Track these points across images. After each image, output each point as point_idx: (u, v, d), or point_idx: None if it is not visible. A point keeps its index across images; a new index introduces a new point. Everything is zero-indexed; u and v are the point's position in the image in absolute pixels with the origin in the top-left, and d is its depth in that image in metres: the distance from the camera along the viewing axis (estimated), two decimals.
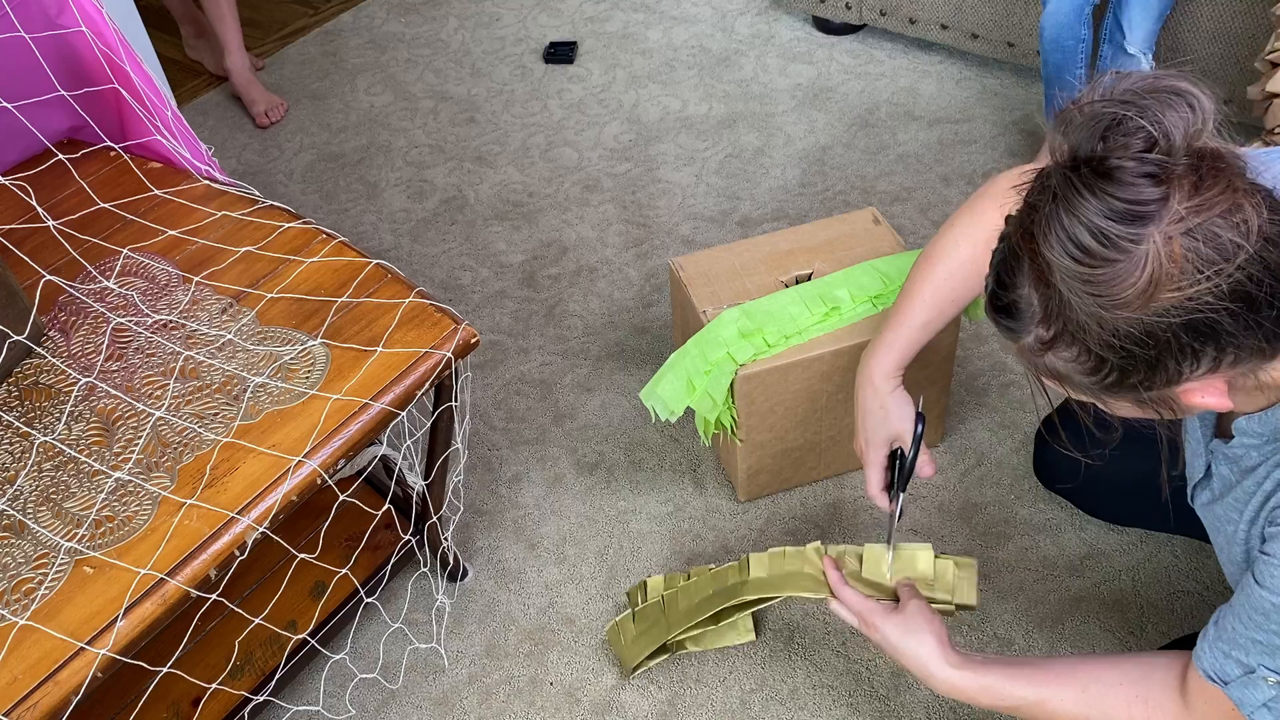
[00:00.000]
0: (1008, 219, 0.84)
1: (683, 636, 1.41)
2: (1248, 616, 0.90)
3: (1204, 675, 0.95)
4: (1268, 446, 0.90)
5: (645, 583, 1.49)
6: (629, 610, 1.47)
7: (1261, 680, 0.90)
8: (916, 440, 1.28)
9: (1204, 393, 0.81)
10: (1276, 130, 1.62)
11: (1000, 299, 0.84)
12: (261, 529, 1.08)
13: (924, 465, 1.30)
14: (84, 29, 1.35)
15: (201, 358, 1.22)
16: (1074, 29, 1.95)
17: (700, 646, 1.46)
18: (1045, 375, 0.86)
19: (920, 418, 1.29)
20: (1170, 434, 1.06)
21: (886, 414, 1.29)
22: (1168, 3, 1.88)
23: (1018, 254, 0.81)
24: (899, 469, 1.30)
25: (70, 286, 1.32)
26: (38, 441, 1.16)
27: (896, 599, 1.23)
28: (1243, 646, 0.91)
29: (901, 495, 1.31)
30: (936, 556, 1.28)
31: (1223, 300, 0.74)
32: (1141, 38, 1.90)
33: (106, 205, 1.41)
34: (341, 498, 1.24)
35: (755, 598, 1.32)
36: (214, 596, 1.07)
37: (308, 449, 1.12)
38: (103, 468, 1.12)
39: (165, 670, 1.11)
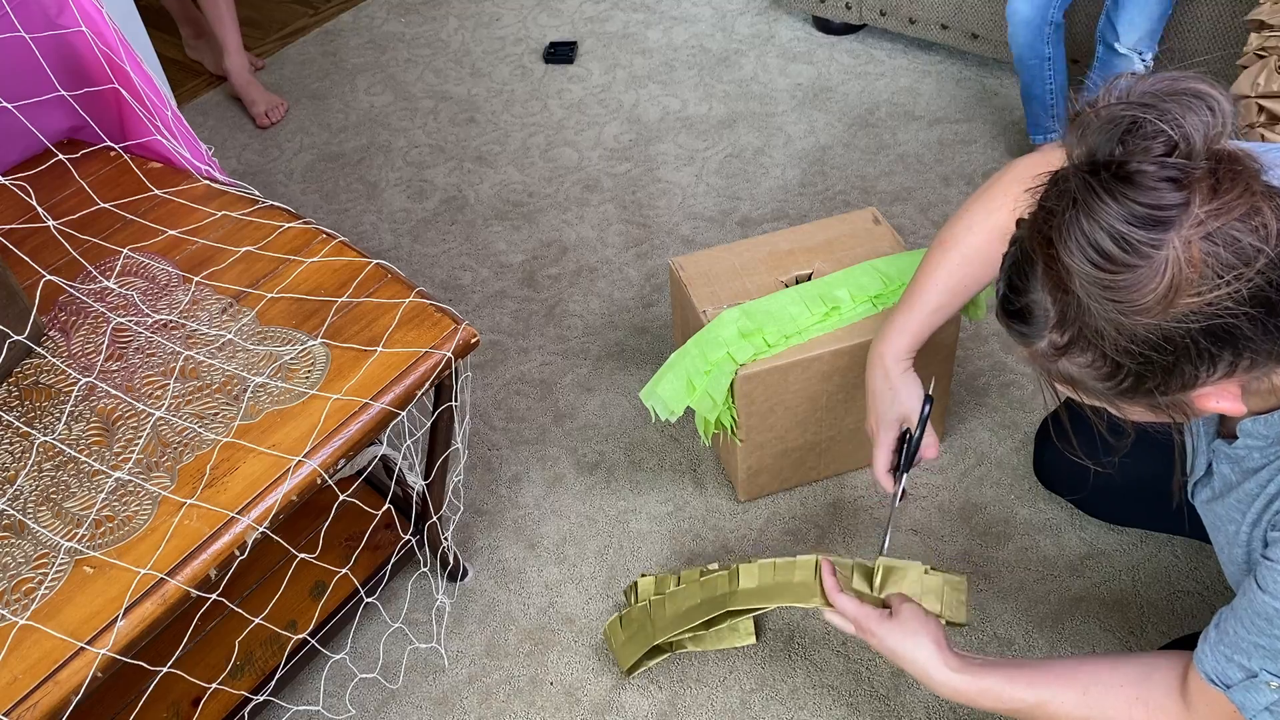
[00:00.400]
0: (1019, 222, 0.83)
1: (679, 637, 1.40)
2: (1250, 621, 0.90)
3: (1205, 678, 0.95)
4: (1272, 449, 0.90)
5: (637, 582, 1.49)
6: (618, 613, 1.47)
7: (1264, 684, 0.90)
8: (923, 421, 1.29)
9: (1218, 397, 0.80)
10: (1243, 131, 1.62)
11: (1012, 303, 0.83)
12: (261, 529, 1.08)
13: (928, 447, 1.30)
14: (84, 29, 1.35)
15: (201, 358, 1.22)
16: (1036, 47, 1.96)
17: (700, 647, 1.46)
18: (1058, 380, 0.85)
19: (928, 399, 1.29)
20: (1181, 438, 1.06)
21: (896, 395, 1.30)
22: (1167, 3, 1.88)
23: (1031, 258, 0.80)
24: (905, 449, 1.31)
25: (70, 286, 1.32)
26: (38, 441, 1.15)
27: (887, 606, 1.23)
28: (1245, 650, 0.91)
29: (905, 476, 1.31)
30: (926, 571, 1.28)
31: (1242, 305, 0.73)
32: (1137, 38, 1.89)
33: (106, 205, 1.41)
34: (341, 498, 1.24)
35: (743, 608, 1.32)
36: (214, 596, 1.07)
37: (308, 449, 1.12)
38: (103, 468, 1.12)
39: (165, 670, 1.11)
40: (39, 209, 1.39)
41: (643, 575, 1.50)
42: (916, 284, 1.29)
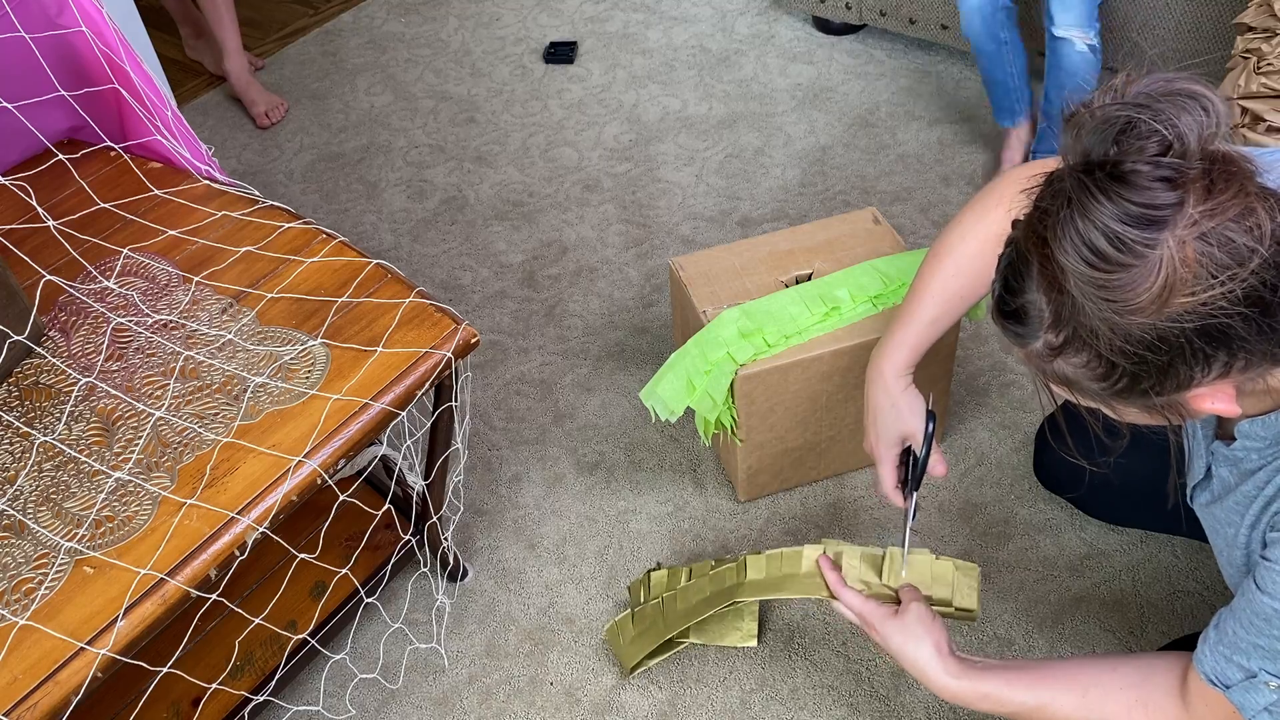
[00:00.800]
0: (1015, 223, 0.83)
1: (684, 626, 1.40)
2: (1249, 621, 0.90)
3: (1205, 679, 0.95)
4: (1269, 450, 0.90)
5: (649, 575, 1.49)
6: (628, 610, 1.47)
7: (1263, 685, 0.90)
8: (928, 439, 1.27)
9: (1213, 398, 0.80)
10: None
11: (1008, 304, 0.83)
12: (261, 529, 1.08)
13: (936, 465, 1.29)
14: (84, 29, 1.35)
15: (201, 358, 1.22)
16: (992, 32, 1.97)
17: (703, 640, 1.46)
18: (1053, 381, 0.85)
19: (931, 416, 1.28)
20: (1178, 439, 1.05)
21: (899, 413, 1.28)
22: None
23: (1026, 258, 0.80)
24: (911, 467, 1.30)
25: (70, 286, 1.32)
26: (38, 441, 1.16)
27: (897, 599, 1.23)
28: (1244, 651, 0.91)
29: (915, 494, 1.30)
30: (937, 557, 1.28)
31: (1236, 305, 0.73)
32: (1072, 19, 1.87)
33: (106, 205, 1.41)
34: (342, 498, 1.24)
35: (751, 599, 1.32)
36: (214, 596, 1.07)
37: (308, 449, 1.12)
38: (103, 468, 1.12)
39: (165, 670, 1.11)
40: (39, 209, 1.39)
41: (657, 567, 1.50)
42: (912, 296, 1.28)
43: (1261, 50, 1.58)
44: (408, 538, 1.47)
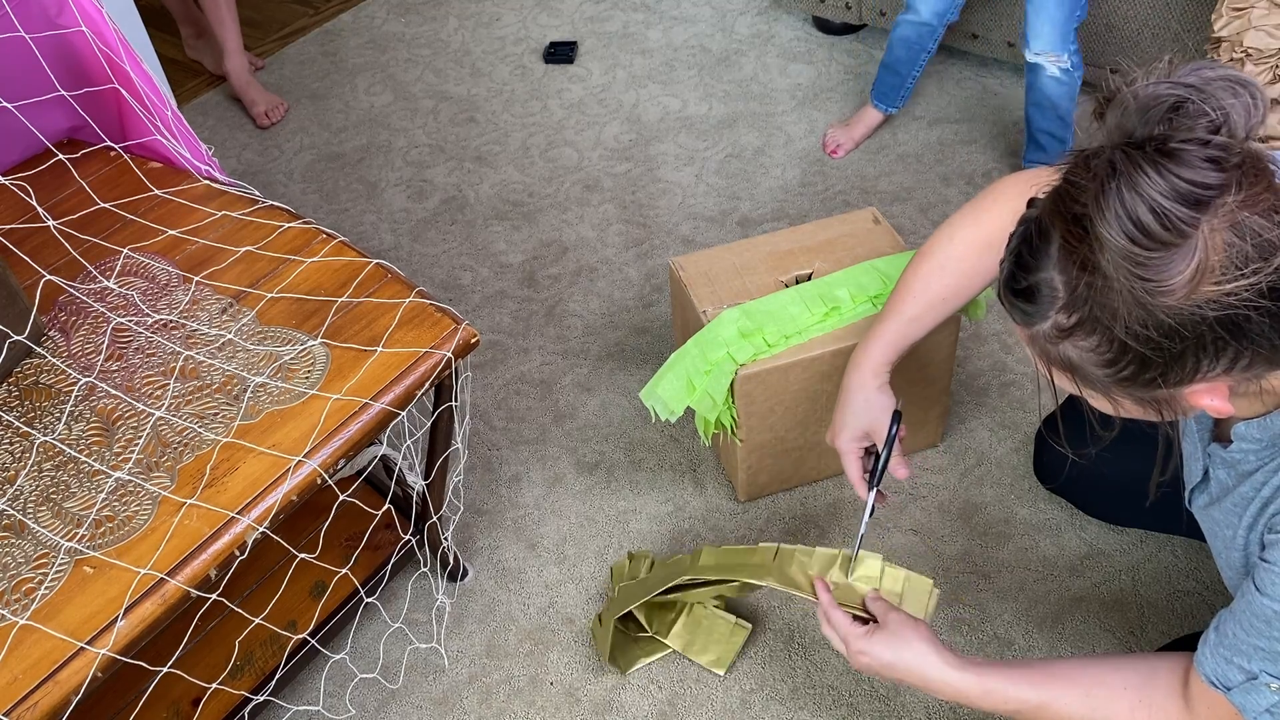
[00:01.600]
0: (1031, 201, 0.82)
1: (640, 601, 1.41)
2: (1249, 623, 0.90)
3: (1206, 681, 0.95)
4: (1266, 452, 0.90)
5: (611, 569, 1.51)
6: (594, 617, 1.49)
7: (1264, 686, 0.90)
8: (891, 439, 1.28)
9: (1211, 394, 0.80)
10: None
11: (1019, 281, 0.82)
12: (261, 529, 1.08)
13: (898, 467, 1.29)
14: (84, 29, 1.35)
15: (201, 357, 1.22)
16: (925, 41, 2.10)
17: (678, 647, 1.46)
18: (1055, 365, 0.84)
19: (897, 416, 1.28)
20: (1171, 434, 1.05)
21: (868, 406, 1.29)
22: (1069, 6, 1.87)
23: (1047, 234, 0.79)
24: (874, 466, 1.30)
25: (70, 286, 1.32)
26: (38, 441, 1.15)
27: (867, 611, 1.21)
28: (1244, 653, 0.91)
29: (874, 492, 1.30)
30: (890, 565, 1.25)
31: (1262, 299, 0.73)
32: (1043, 45, 1.92)
33: (106, 205, 1.41)
34: (342, 498, 1.24)
35: (701, 580, 1.34)
36: (214, 596, 1.07)
37: (308, 449, 1.12)
38: (103, 468, 1.12)
39: (165, 670, 1.11)
40: (39, 209, 1.39)
41: (626, 554, 1.51)
42: (895, 293, 1.29)
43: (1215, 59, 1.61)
44: (408, 538, 1.47)
